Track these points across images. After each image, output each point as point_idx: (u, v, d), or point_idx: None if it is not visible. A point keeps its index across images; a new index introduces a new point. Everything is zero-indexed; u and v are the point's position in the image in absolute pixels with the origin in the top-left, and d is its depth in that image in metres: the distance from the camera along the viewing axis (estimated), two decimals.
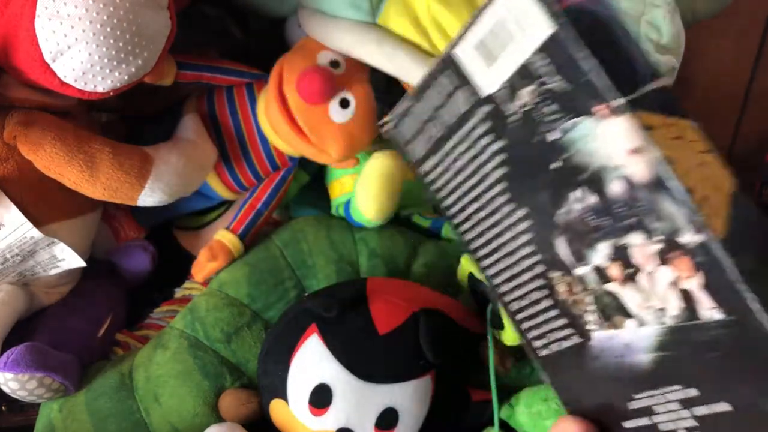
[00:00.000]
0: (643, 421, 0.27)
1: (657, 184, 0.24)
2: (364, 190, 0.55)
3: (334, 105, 0.53)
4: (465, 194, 0.31)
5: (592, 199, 0.26)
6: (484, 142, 0.30)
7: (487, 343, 0.49)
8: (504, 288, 0.31)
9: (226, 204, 0.64)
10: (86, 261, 0.53)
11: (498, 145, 0.29)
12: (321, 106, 0.53)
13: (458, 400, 0.50)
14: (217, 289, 0.54)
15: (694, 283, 0.24)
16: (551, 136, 0.27)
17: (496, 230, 0.30)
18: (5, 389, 0.47)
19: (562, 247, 0.28)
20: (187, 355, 0.51)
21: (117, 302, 0.58)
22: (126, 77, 0.43)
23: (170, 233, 0.65)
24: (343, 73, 0.54)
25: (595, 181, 0.26)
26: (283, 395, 0.47)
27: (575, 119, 0.26)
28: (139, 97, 0.57)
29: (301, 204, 0.67)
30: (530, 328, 0.30)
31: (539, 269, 0.29)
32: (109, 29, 0.41)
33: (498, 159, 0.29)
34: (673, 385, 0.26)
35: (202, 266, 0.56)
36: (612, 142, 0.25)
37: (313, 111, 0.53)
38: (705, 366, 0.25)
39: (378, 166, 0.54)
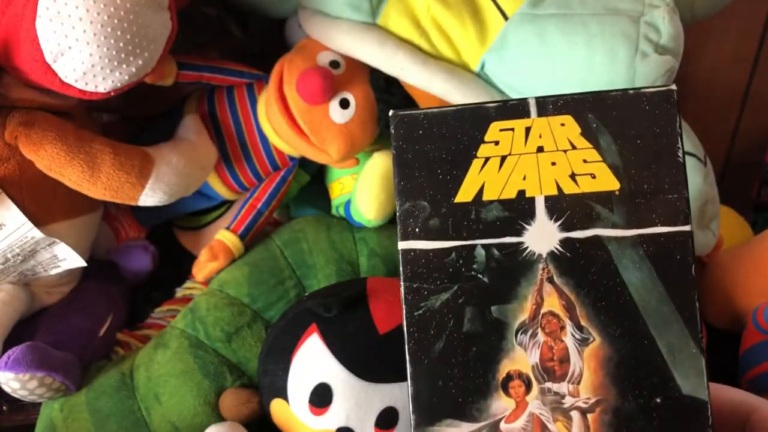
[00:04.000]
0: None
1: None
2: (364, 190, 0.55)
3: (334, 105, 0.53)
4: None
5: None
6: None
7: None
8: None
9: (227, 204, 0.64)
10: (87, 261, 0.53)
11: None
12: (321, 106, 0.53)
13: None
14: (217, 288, 0.55)
15: None
16: None
17: None
18: (6, 389, 0.47)
19: None
20: (187, 355, 0.51)
21: (118, 302, 0.58)
22: (126, 77, 0.44)
23: (171, 233, 0.65)
24: (343, 74, 0.54)
25: None
26: (284, 395, 0.47)
27: None
28: (139, 97, 0.57)
29: (301, 204, 0.67)
30: None
31: None
32: (109, 29, 0.41)
33: None
34: None
35: (203, 266, 0.56)
36: None
37: (313, 111, 0.53)
38: None
39: (378, 166, 0.54)
